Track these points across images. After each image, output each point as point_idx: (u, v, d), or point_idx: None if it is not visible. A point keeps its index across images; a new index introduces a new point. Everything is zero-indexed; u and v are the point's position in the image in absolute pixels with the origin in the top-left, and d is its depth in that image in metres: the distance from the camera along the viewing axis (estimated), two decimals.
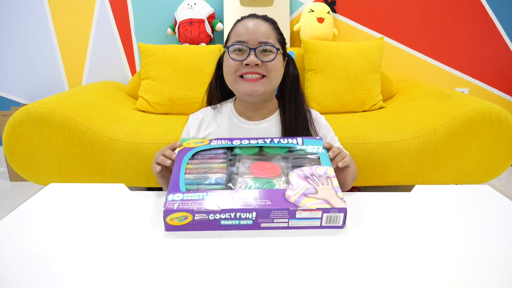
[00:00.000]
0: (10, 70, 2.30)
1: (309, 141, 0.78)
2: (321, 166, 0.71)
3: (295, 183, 0.66)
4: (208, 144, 0.77)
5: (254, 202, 0.61)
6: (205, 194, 0.63)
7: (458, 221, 0.66)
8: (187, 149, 0.76)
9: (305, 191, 0.64)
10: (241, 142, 0.77)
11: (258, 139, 0.78)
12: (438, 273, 0.51)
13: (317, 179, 0.67)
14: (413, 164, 1.40)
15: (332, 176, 0.68)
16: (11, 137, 1.35)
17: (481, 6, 2.17)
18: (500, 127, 1.38)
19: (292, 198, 0.62)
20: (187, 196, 0.63)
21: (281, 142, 0.77)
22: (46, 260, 0.54)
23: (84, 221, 0.66)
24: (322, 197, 0.63)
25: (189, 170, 0.71)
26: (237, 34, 0.87)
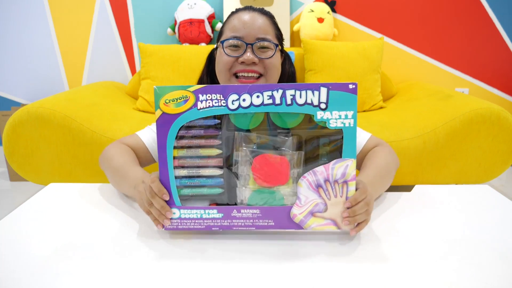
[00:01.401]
0: (10, 70, 2.30)
1: (337, 101, 0.56)
2: (341, 162, 0.57)
3: (303, 198, 0.58)
4: (194, 107, 0.58)
5: (257, 223, 0.59)
6: (203, 212, 0.59)
7: (458, 221, 0.66)
8: (169, 118, 0.58)
9: (313, 208, 0.58)
10: (240, 101, 0.57)
11: (263, 92, 0.57)
12: (438, 273, 0.51)
13: (330, 189, 0.58)
14: (413, 164, 1.40)
15: (350, 179, 0.58)
16: (11, 137, 1.35)
17: (481, 6, 2.17)
18: (500, 127, 1.38)
19: (297, 218, 0.58)
20: (184, 213, 0.59)
21: (296, 103, 0.57)
22: (46, 260, 0.54)
23: (84, 221, 0.66)
24: (330, 216, 0.58)
25: (178, 161, 0.59)
26: (232, 29, 0.79)
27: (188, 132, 0.59)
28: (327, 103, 0.56)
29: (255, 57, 0.77)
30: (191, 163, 0.60)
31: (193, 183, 0.60)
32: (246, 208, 0.59)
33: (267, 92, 0.57)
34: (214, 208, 0.59)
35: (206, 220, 0.59)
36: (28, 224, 0.65)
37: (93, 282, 0.49)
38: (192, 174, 0.60)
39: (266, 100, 0.57)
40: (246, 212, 0.59)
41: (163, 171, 0.59)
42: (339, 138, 0.57)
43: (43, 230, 0.62)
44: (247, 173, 0.59)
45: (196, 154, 0.60)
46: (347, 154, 0.57)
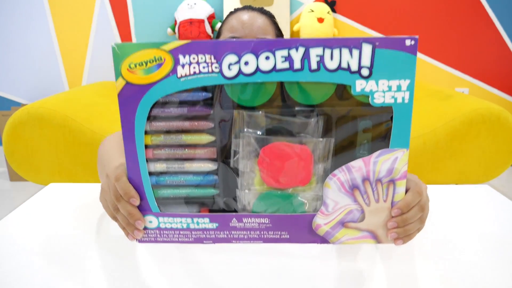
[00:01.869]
0: (10, 70, 2.30)
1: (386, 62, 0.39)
2: (388, 153, 0.41)
3: (332, 203, 0.43)
4: (172, 75, 0.40)
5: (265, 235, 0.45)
6: (190, 221, 0.45)
7: (458, 221, 0.66)
8: (136, 90, 0.42)
9: (345, 216, 0.44)
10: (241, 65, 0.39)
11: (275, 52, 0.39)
12: (438, 273, 0.51)
13: (371, 191, 0.43)
14: (413, 164, 1.40)
15: (398, 178, 0.43)
16: (11, 137, 1.35)
17: (481, 6, 2.17)
18: (500, 127, 1.38)
19: (322, 229, 0.44)
20: (164, 222, 0.45)
21: (325, 68, 0.39)
22: (46, 260, 0.54)
23: (84, 221, 0.66)
24: (367, 227, 0.44)
25: (152, 151, 0.44)
26: (230, 29, 0.74)
27: (165, 110, 0.43)
28: (371, 68, 0.39)
29: None
30: (171, 155, 0.44)
31: (175, 182, 0.45)
32: (250, 217, 0.44)
33: (281, 51, 0.39)
34: (205, 215, 0.45)
35: (194, 232, 0.45)
36: (28, 224, 0.64)
37: (93, 282, 0.49)
38: (174, 169, 0.44)
39: (280, 64, 0.39)
40: (251, 221, 0.45)
41: (132, 165, 0.44)
42: (387, 120, 0.41)
43: (43, 230, 0.62)
44: (252, 169, 0.44)
45: (178, 141, 0.44)
46: (398, 143, 0.41)
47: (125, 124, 0.42)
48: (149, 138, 0.44)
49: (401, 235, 0.45)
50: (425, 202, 0.46)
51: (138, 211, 0.45)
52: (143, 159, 0.43)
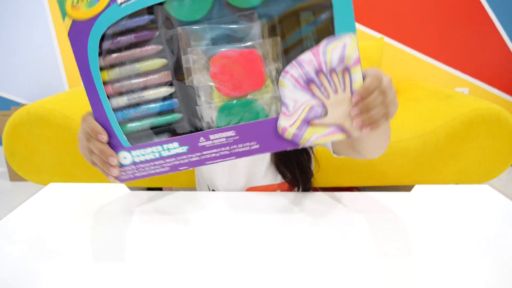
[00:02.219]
0: (10, 70, 2.30)
1: None
2: (336, 41, 0.40)
3: (291, 102, 0.42)
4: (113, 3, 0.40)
5: (235, 149, 0.44)
6: (160, 149, 0.45)
7: (458, 221, 0.66)
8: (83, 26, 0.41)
9: (308, 113, 0.42)
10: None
11: None
12: (438, 273, 0.51)
13: (327, 82, 0.41)
14: (413, 164, 1.40)
15: (353, 64, 0.41)
16: (11, 137, 1.35)
17: (481, 6, 2.17)
18: (500, 127, 1.38)
19: (289, 132, 0.43)
20: (137, 155, 0.45)
21: None
22: (46, 260, 0.54)
23: (84, 221, 0.66)
24: (333, 121, 0.42)
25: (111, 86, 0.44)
26: None
27: (115, 41, 0.42)
28: None
29: None
30: (129, 86, 0.44)
31: (139, 112, 0.45)
32: (216, 132, 0.44)
33: None
34: (173, 140, 0.45)
35: (168, 159, 0.45)
36: (28, 224, 0.64)
37: (93, 282, 0.49)
38: (135, 100, 0.44)
39: None
40: (218, 137, 0.44)
41: (95, 105, 0.46)
42: (328, 6, 0.40)
43: (43, 230, 0.62)
44: (207, 82, 0.43)
45: (133, 71, 0.43)
46: (342, 28, 0.40)
47: (80, 63, 0.43)
48: (106, 74, 0.44)
49: (366, 122, 0.43)
50: (387, 87, 0.44)
51: (109, 147, 0.46)
52: (104, 96, 0.44)
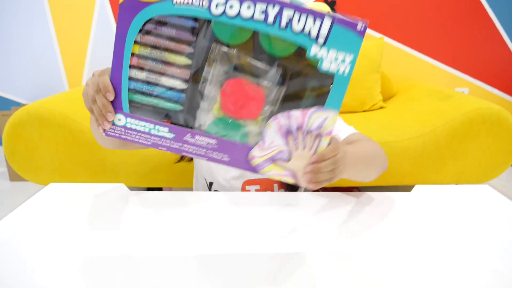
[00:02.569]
0: (10, 70, 2.30)
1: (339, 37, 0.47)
2: (321, 112, 0.50)
3: (268, 140, 0.51)
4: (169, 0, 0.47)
5: (210, 154, 0.52)
6: (152, 127, 0.52)
7: (458, 221, 0.66)
8: (136, 4, 0.47)
9: (276, 155, 0.52)
10: (227, 7, 0.46)
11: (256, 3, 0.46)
12: (438, 273, 0.51)
13: (301, 138, 0.51)
14: (413, 164, 1.40)
15: (326, 133, 0.51)
16: (11, 137, 1.35)
17: (481, 6, 2.17)
18: (500, 127, 1.38)
19: (255, 161, 0.52)
20: (130, 122, 0.52)
21: (291, 29, 0.47)
22: (46, 260, 0.54)
23: (84, 221, 0.66)
24: (292, 167, 0.52)
25: (137, 60, 0.50)
26: None
27: (158, 28, 0.49)
28: (326, 38, 0.47)
29: None
30: (152, 67, 0.50)
31: (149, 90, 0.51)
32: (202, 135, 0.52)
33: (260, 5, 0.46)
34: (166, 125, 0.52)
35: (153, 137, 0.53)
36: (28, 224, 0.64)
37: (93, 282, 0.49)
38: (151, 80, 0.51)
39: (258, 15, 0.46)
40: (201, 139, 0.52)
41: (116, 67, 0.50)
42: (329, 84, 0.49)
43: (43, 230, 0.62)
44: (215, 95, 0.50)
45: (160, 57, 0.50)
46: (331, 105, 0.50)
47: (120, 29, 0.48)
48: (137, 48, 0.50)
49: (312, 180, 0.53)
50: (339, 159, 0.54)
51: (111, 105, 0.52)
52: (127, 63, 0.50)
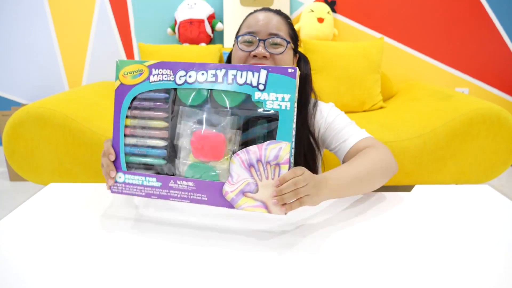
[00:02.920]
0: (10, 70, 2.30)
1: (275, 83, 0.57)
2: (275, 144, 0.56)
3: (235, 175, 0.58)
4: (147, 79, 0.63)
5: (191, 195, 0.60)
6: (143, 179, 0.62)
7: (458, 221, 0.66)
8: (125, 88, 0.65)
9: (245, 187, 0.57)
10: (187, 77, 0.61)
11: (207, 71, 0.60)
12: (438, 273, 0.51)
13: (262, 169, 0.57)
14: (413, 164, 1.40)
15: (283, 162, 0.56)
16: (11, 137, 1.35)
17: (481, 6, 2.17)
18: (500, 127, 1.38)
19: (229, 196, 0.58)
20: (128, 178, 0.63)
21: (236, 82, 0.59)
22: (46, 260, 0.54)
23: (84, 221, 0.66)
24: (261, 198, 0.57)
25: (129, 129, 0.64)
26: (247, 25, 0.85)
27: (141, 103, 0.64)
28: (265, 85, 0.57)
29: (266, 51, 0.80)
30: (140, 133, 0.64)
31: (140, 152, 0.64)
32: (182, 180, 0.60)
33: (211, 71, 0.60)
34: (153, 176, 0.62)
35: (146, 188, 0.62)
36: (28, 224, 0.65)
37: (93, 282, 0.49)
38: (140, 143, 0.64)
39: (210, 78, 0.60)
40: (182, 184, 0.60)
41: (115, 137, 0.64)
42: (275, 120, 0.57)
43: (43, 230, 0.62)
44: (187, 146, 0.61)
45: (145, 125, 0.64)
46: (282, 137, 0.56)
47: (116, 110, 0.64)
48: (129, 121, 0.65)
49: (280, 202, 0.56)
50: (301, 180, 0.57)
51: (113, 165, 0.64)
52: (123, 134, 0.64)
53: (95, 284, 0.49)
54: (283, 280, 0.50)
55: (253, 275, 0.51)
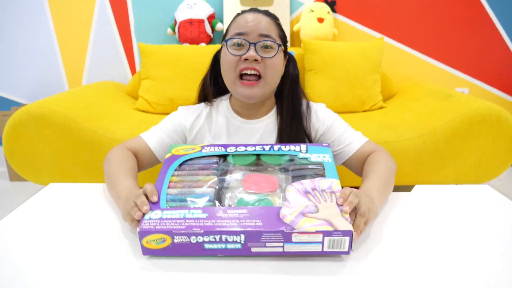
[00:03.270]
0: (10, 70, 2.30)
1: (314, 149, 0.69)
2: (326, 179, 0.61)
3: (292, 200, 0.56)
4: (200, 151, 0.70)
5: (243, 223, 0.52)
6: (187, 212, 0.54)
7: (458, 221, 0.66)
8: (175, 157, 0.68)
9: (304, 209, 0.54)
10: (237, 149, 0.70)
11: (256, 146, 0.70)
12: (438, 273, 0.51)
13: (319, 195, 0.57)
14: (413, 164, 1.40)
15: (337, 191, 0.58)
16: (11, 137, 1.35)
17: (481, 6, 2.17)
18: (500, 127, 1.38)
19: (287, 218, 0.53)
20: (166, 214, 0.54)
21: (281, 150, 0.69)
22: (46, 260, 0.54)
23: (83, 221, 0.66)
24: (323, 217, 0.53)
25: (173, 184, 0.63)
26: (236, 27, 0.82)
27: (190, 165, 0.68)
28: (306, 151, 0.69)
29: (257, 55, 0.79)
30: (186, 185, 0.63)
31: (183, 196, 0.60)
32: (233, 209, 0.55)
33: (258, 146, 0.71)
34: (199, 208, 0.55)
35: (188, 220, 0.53)
36: (28, 224, 0.65)
37: (93, 282, 0.49)
38: (184, 192, 0.61)
39: (258, 149, 0.70)
40: (233, 212, 0.54)
41: (158, 185, 0.62)
42: (321, 168, 0.65)
43: (43, 230, 0.62)
44: (237, 185, 0.62)
45: (192, 179, 0.64)
46: (330, 176, 0.62)
47: (163, 168, 0.66)
48: (174, 178, 0.65)
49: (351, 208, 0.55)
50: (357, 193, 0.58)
51: (148, 203, 0.57)
52: (166, 186, 0.62)
53: (95, 284, 0.49)
54: (283, 279, 0.50)
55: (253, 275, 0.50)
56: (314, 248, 0.52)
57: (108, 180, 0.75)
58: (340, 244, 0.52)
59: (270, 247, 0.52)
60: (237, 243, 0.52)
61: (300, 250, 0.52)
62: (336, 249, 0.52)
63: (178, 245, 0.53)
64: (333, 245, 0.52)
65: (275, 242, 0.52)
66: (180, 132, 0.91)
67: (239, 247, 0.52)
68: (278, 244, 0.52)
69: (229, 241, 0.52)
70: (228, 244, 0.52)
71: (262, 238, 0.51)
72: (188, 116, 0.91)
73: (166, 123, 0.91)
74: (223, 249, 0.53)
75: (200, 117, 0.92)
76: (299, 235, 0.51)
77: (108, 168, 0.77)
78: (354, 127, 0.92)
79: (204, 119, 0.91)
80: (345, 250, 0.52)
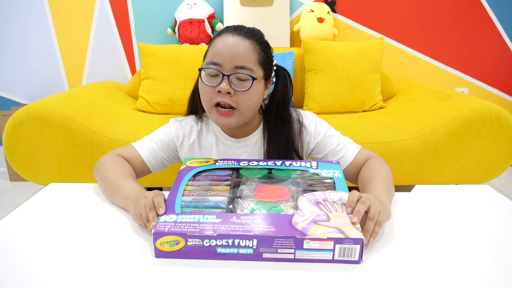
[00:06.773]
0: (10, 70, 2.30)
1: (325, 165, 0.72)
2: (336, 192, 0.63)
3: (304, 209, 0.58)
4: (213, 164, 0.73)
5: (256, 228, 0.53)
6: (201, 216, 0.56)
7: (458, 221, 0.66)
8: (189, 168, 0.71)
9: (316, 217, 0.56)
10: (249, 163, 0.73)
11: (268, 161, 0.74)
12: (438, 273, 0.51)
13: (330, 205, 0.59)
14: (413, 164, 1.40)
15: None
16: (11, 137, 1.35)
17: (481, 6, 2.17)
18: (500, 127, 1.38)
19: (299, 225, 0.54)
20: (181, 218, 0.56)
21: (293, 165, 0.72)
22: (46, 260, 0.54)
23: (83, 221, 0.66)
24: (334, 225, 0.54)
25: (187, 192, 0.65)
26: (213, 54, 0.79)
27: (203, 177, 0.70)
28: (317, 167, 0.72)
29: (230, 87, 0.77)
30: (199, 193, 0.65)
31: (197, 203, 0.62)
32: (246, 215, 0.57)
33: (270, 162, 0.74)
34: (213, 214, 0.57)
35: (202, 224, 0.54)
36: (28, 224, 0.65)
37: (93, 282, 0.49)
38: (198, 200, 0.63)
39: (269, 164, 0.73)
40: (246, 218, 0.56)
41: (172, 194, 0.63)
42: (332, 182, 0.67)
43: (43, 230, 0.62)
44: (251, 194, 0.64)
45: (206, 188, 0.67)
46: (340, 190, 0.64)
47: (178, 178, 0.68)
48: (189, 187, 0.67)
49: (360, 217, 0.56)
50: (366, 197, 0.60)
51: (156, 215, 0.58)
52: (181, 194, 0.64)
53: (95, 283, 0.49)
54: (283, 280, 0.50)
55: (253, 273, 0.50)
56: (325, 256, 0.53)
57: (108, 186, 0.74)
58: (350, 252, 0.53)
59: (281, 253, 0.53)
60: (249, 248, 0.53)
61: (311, 257, 0.53)
62: (347, 258, 0.53)
63: (190, 248, 0.53)
64: (344, 253, 0.53)
65: (287, 248, 0.53)
66: (172, 146, 0.91)
67: (251, 252, 0.53)
68: (289, 251, 0.53)
69: (241, 246, 0.53)
70: (240, 248, 0.53)
71: (274, 243, 0.52)
72: (180, 132, 0.91)
73: (158, 134, 0.91)
74: (235, 254, 0.53)
75: (191, 133, 0.92)
76: (310, 241, 0.52)
77: (106, 174, 0.76)
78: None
79: (196, 136, 0.91)
80: (355, 259, 0.53)
